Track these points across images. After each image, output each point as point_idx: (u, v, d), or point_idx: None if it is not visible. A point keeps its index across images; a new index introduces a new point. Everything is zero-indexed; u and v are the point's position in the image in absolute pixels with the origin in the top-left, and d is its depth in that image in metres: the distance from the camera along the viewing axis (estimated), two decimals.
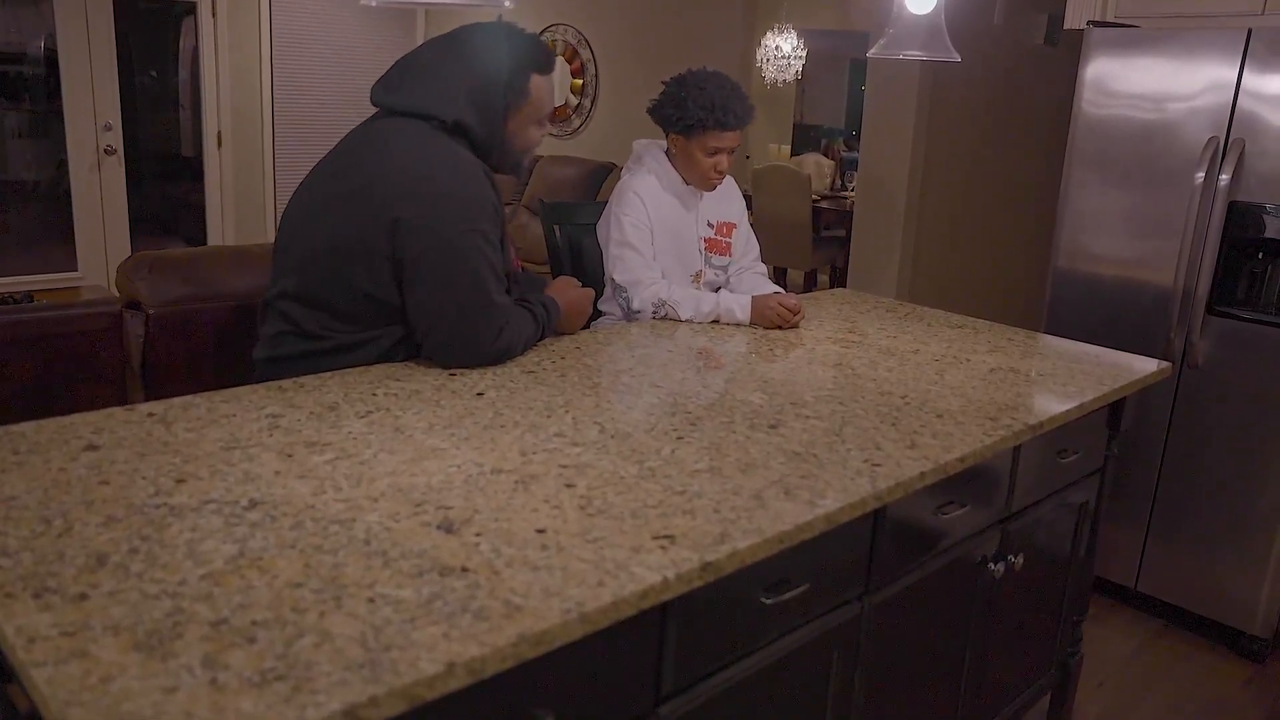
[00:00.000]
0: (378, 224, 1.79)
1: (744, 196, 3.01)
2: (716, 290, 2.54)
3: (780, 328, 2.37)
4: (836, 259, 7.05)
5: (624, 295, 2.42)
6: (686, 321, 2.38)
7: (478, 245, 1.82)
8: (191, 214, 6.30)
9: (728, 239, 2.61)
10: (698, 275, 2.56)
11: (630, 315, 2.42)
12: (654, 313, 2.41)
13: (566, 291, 2.18)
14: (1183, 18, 2.95)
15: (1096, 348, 2.39)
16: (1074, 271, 3.11)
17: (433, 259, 1.79)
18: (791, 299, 2.39)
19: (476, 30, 1.93)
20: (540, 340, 2.05)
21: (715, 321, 2.39)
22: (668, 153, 2.49)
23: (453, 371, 1.82)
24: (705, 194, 2.54)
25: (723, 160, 2.45)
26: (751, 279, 2.63)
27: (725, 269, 2.61)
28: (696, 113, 2.37)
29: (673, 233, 2.49)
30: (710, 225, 2.57)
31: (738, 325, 2.39)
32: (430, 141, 1.85)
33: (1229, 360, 2.82)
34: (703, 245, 2.55)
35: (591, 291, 2.27)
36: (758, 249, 2.72)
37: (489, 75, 1.90)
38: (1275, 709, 2.67)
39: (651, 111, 2.48)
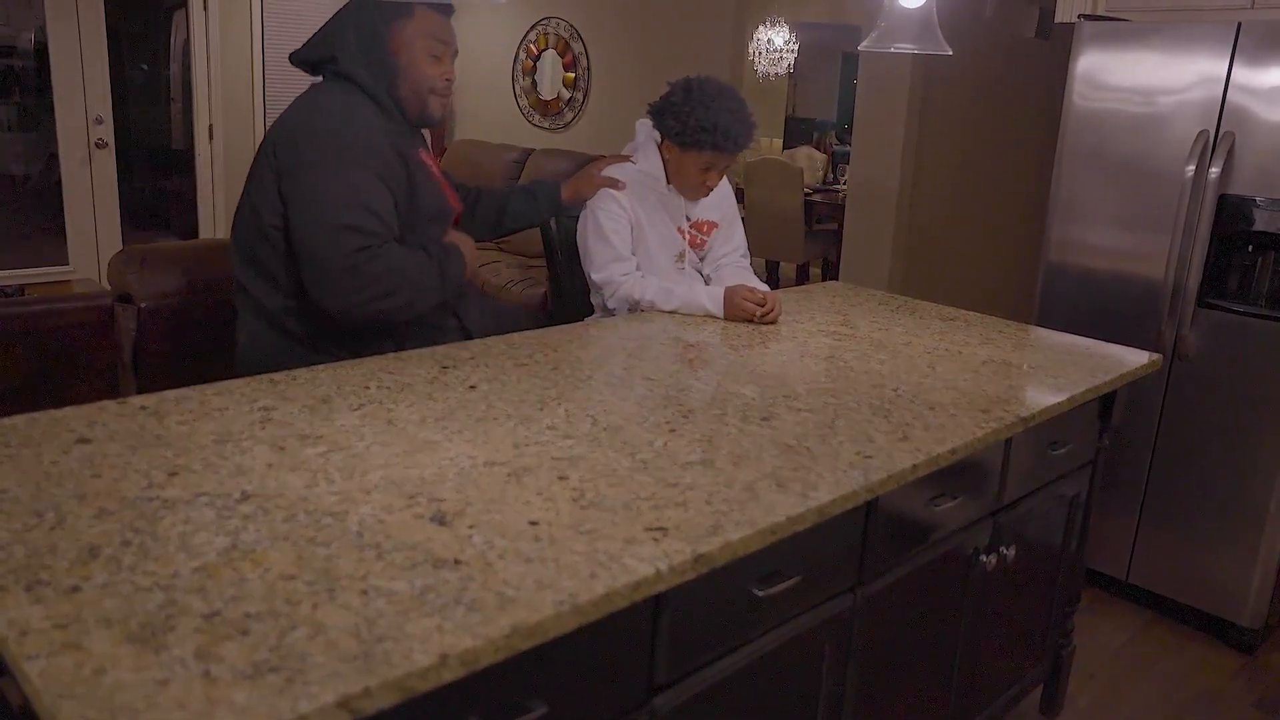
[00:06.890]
0: (276, 182, 1.84)
1: (736, 190, 2.99)
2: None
3: (752, 320, 2.30)
4: (829, 252, 7.06)
5: (599, 293, 2.41)
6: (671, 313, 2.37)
7: (341, 176, 1.80)
8: (183, 207, 6.28)
9: (704, 235, 2.59)
10: (680, 255, 2.54)
11: (607, 312, 2.42)
12: (629, 311, 2.40)
13: (467, 240, 2.15)
14: (1173, 11, 2.95)
15: (1087, 340, 2.40)
16: (1065, 264, 3.12)
17: (295, 193, 1.81)
18: (758, 294, 2.32)
19: None
20: (447, 293, 2.03)
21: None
22: (661, 147, 2.47)
23: (445, 364, 1.82)
24: None
25: (714, 176, 2.41)
26: (733, 273, 2.57)
27: (699, 261, 2.60)
28: (697, 133, 2.31)
29: (654, 222, 2.48)
30: (688, 219, 2.55)
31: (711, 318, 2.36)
32: (322, 91, 1.89)
33: (1219, 352, 2.83)
34: (681, 235, 2.54)
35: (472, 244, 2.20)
36: (742, 243, 2.67)
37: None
38: (1264, 699, 2.69)
39: (652, 114, 2.43)
